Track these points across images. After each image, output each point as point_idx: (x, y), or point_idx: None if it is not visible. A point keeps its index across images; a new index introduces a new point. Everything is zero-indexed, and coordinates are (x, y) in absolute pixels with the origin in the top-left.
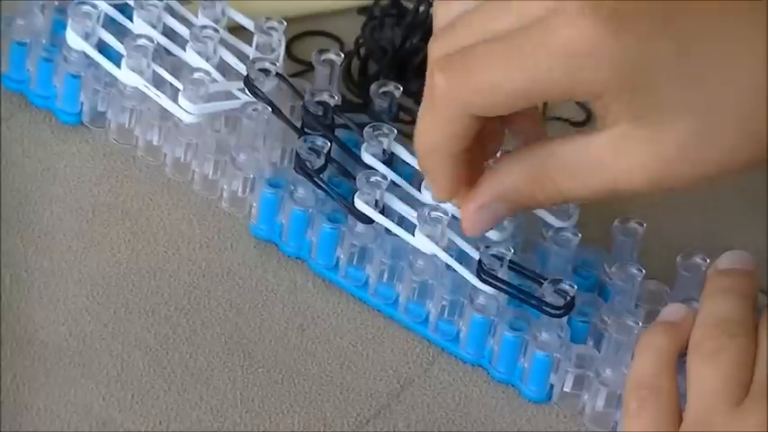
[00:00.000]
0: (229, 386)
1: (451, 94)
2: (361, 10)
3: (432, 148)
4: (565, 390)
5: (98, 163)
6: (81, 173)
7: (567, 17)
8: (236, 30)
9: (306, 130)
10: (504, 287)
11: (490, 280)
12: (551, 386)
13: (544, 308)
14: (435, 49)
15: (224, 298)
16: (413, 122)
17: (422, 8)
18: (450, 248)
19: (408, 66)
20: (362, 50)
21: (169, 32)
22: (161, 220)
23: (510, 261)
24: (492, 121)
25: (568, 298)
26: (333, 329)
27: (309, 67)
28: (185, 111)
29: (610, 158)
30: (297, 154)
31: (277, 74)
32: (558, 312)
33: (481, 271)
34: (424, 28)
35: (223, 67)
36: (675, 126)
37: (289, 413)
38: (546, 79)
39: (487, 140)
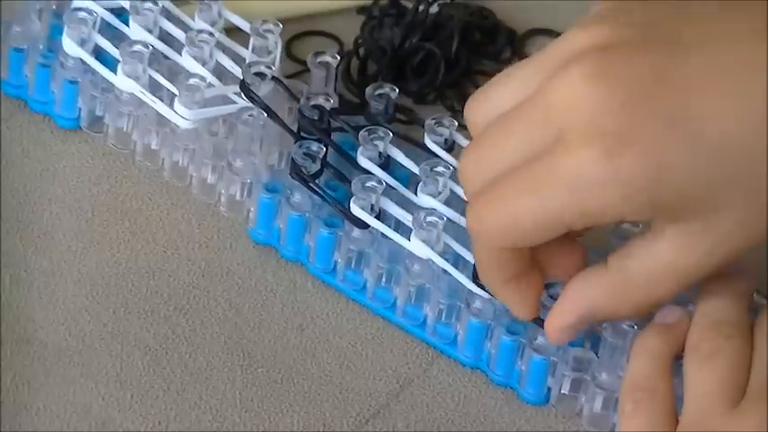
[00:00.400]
0: (229, 386)
1: (481, 230)
2: (361, 10)
3: (486, 277)
4: (562, 392)
5: (97, 163)
6: (80, 173)
7: (568, 147)
8: (233, 31)
9: (302, 133)
10: None
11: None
12: (549, 389)
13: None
14: (464, 166)
15: (223, 298)
16: (409, 123)
17: (421, 8)
18: (447, 252)
19: (407, 65)
20: (362, 50)
21: (166, 36)
22: (160, 220)
23: None
24: None
25: None
26: (332, 329)
27: (308, 68)
28: (181, 116)
29: (676, 258)
30: (292, 159)
31: (273, 77)
32: None
33: (477, 275)
34: (422, 28)
35: (219, 71)
36: (720, 214)
37: (288, 413)
38: (560, 212)
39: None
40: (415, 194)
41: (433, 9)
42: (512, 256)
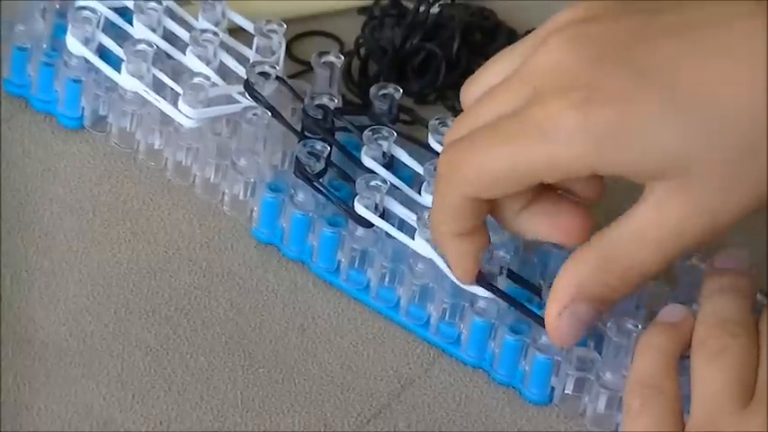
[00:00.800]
0: (230, 386)
1: (451, 176)
2: (362, 10)
3: (436, 226)
4: (566, 392)
5: (98, 163)
6: (81, 173)
7: (541, 100)
8: (236, 31)
9: (306, 133)
10: (503, 297)
11: (489, 287)
12: (552, 388)
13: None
14: (449, 134)
15: (224, 298)
16: (413, 123)
17: (422, 8)
18: None
19: (408, 66)
20: (363, 51)
21: (169, 36)
22: (161, 221)
23: (509, 270)
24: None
25: None
26: (333, 329)
27: (310, 68)
28: (185, 115)
29: (659, 221)
30: (296, 158)
31: (277, 77)
32: None
33: (480, 278)
34: (423, 28)
35: (223, 71)
36: (696, 175)
37: (289, 413)
38: (528, 162)
39: (580, 192)
40: (419, 194)
41: (434, 9)
42: (471, 207)
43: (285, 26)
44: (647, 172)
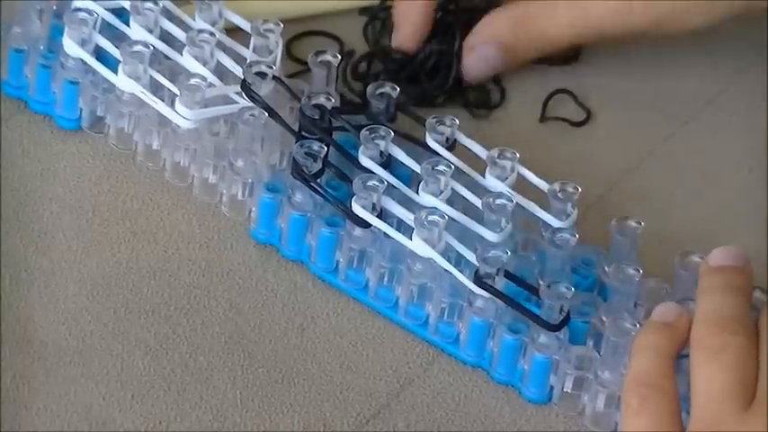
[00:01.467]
0: (229, 386)
1: None
2: (362, 10)
3: None
4: (565, 391)
5: (98, 163)
6: (81, 173)
7: None
8: (234, 31)
9: (303, 133)
10: (501, 298)
11: (487, 288)
12: (551, 387)
13: (541, 323)
14: None
15: (224, 298)
16: (416, 119)
17: None
18: (448, 251)
19: (421, 72)
20: (365, 51)
21: (166, 36)
22: (161, 220)
23: (506, 271)
24: None
25: (564, 312)
26: (333, 329)
27: (309, 68)
28: (182, 117)
29: None
30: (294, 159)
31: (274, 77)
32: (554, 327)
33: (478, 279)
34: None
35: (220, 71)
36: None
37: (288, 413)
38: None
39: None
40: (417, 193)
41: None
42: None
43: (282, 25)
44: None
